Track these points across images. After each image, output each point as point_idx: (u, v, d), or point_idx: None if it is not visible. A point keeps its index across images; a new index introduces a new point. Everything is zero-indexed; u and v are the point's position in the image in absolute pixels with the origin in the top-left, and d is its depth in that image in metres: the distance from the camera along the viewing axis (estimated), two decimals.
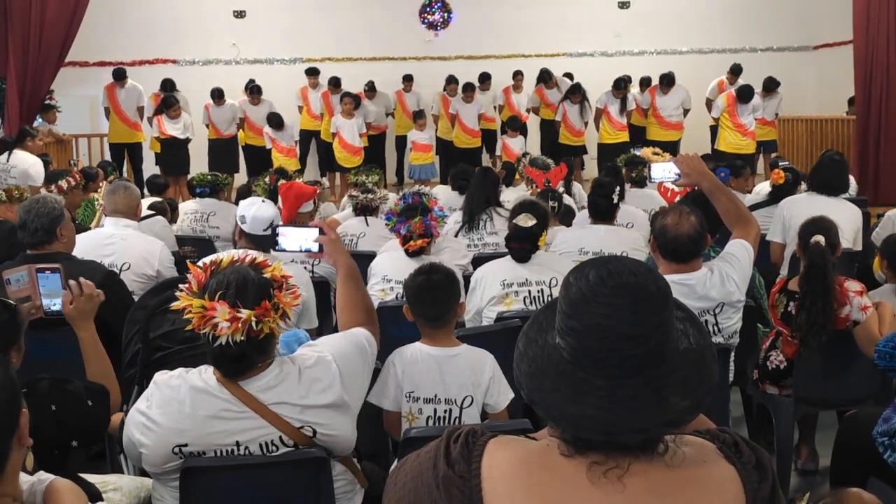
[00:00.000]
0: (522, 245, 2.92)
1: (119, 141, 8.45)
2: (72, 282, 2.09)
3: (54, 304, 2.14)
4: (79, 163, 7.77)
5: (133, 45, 9.20)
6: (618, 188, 3.78)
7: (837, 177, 4.10)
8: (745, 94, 7.93)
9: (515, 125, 8.50)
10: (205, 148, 8.60)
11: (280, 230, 2.11)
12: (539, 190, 4.86)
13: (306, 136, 9.11)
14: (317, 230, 2.06)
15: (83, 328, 2.10)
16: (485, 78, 9.33)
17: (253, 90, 8.71)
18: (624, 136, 8.45)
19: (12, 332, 1.81)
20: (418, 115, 8.77)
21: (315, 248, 2.06)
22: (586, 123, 8.79)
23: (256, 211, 2.87)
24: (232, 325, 1.60)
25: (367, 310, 2.00)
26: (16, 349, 1.82)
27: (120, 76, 8.42)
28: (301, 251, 2.11)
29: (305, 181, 5.09)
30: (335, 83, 9.01)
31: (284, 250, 2.13)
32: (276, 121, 8.37)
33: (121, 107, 8.38)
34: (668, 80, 8.56)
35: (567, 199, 4.90)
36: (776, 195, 4.51)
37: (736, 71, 8.64)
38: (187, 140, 8.19)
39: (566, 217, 4.50)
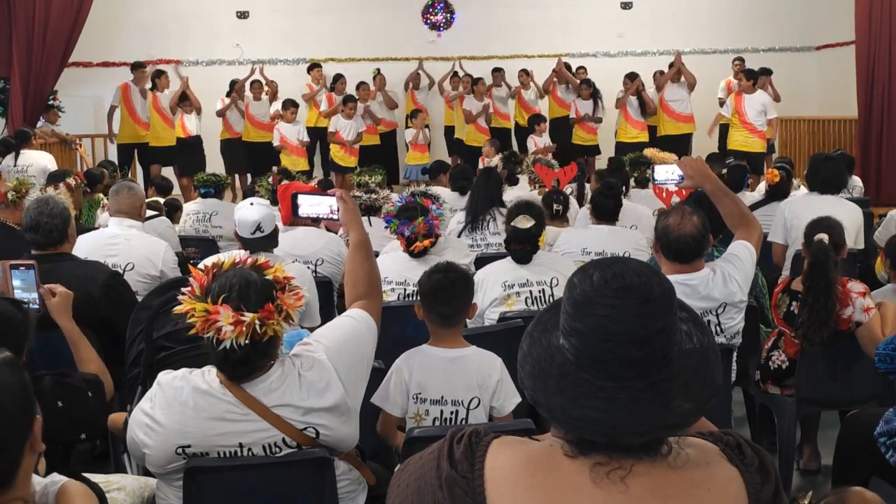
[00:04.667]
0: (523, 246, 2.92)
1: (128, 141, 8.38)
2: (41, 290, 2.20)
3: (28, 299, 2.17)
4: (84, 159, 7.77)
5: (136, 46, 9.20)
6: (622, 187, 3.78)
7: (835, 175, 4.10)
8: (751, 73, 7.81)
9: (542, 121, 8.34)
10: (213, 147, 8.51)
11: (299, 197, 2.12)
12: (547, 190, 4.84)
13: (312, 136, 9.07)
14: (334, 198, 2.06)
15: (65, 320, 2.22)
16: (496, 72, 9.24)
17: (254, 84, 8.62)
18: (644, 137, 8.25)
19: (27, 331, 1.84)
20: (413, 115, 8.72)
21: (333, 215, 2.07)
22: (599, 121, 8.71)
23: (242, 214, 2.90)
24: (236, 329, 1.59)
25: (370, 282, 1.96)
26: (26, 347, 1.85)
27: (138, 67, 8.33)
28: (318, 217, 2.12)
29: (319, 181, 5.09)
30: (339, 79, 8.99)
31: (302, 216, 2.15)
32: (292, 103, 8.17)
33: (134, 106, 8.29)
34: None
35: (573, 203, 4.89)
36: (773, 194, 4.53)
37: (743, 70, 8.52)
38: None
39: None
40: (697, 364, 0.95)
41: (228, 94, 8.68)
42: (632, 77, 8.39)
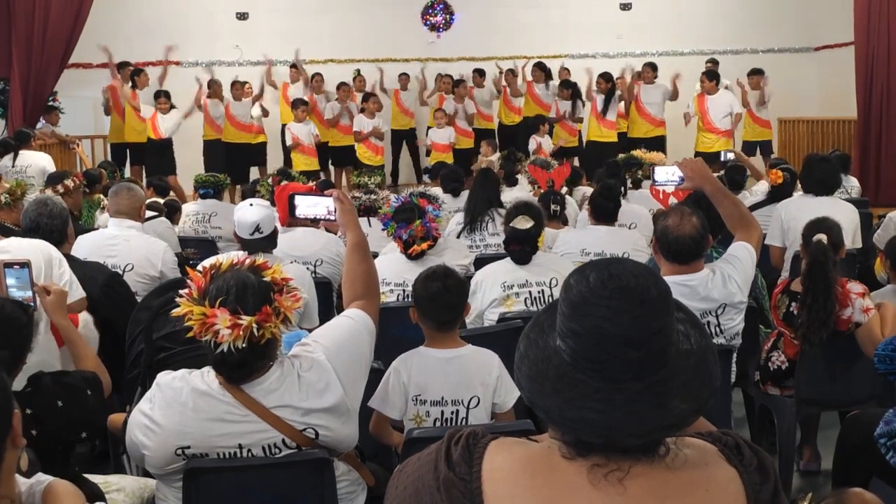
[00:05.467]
0: (522, 247, 2.92)
1: (119, 141, 8.37)
2: (36, 288, 2.21)
3: (23, 298, 2.17)
4: (83, 159, 7.74)
5: (136, 47, 9.20)
6: (621, 188, 3.78)
7: (830, 175, 4.10)
8: (712, 74, 7.82)
9: (544, 121, 8.29)
10: (196, 149, 8.43)
11: (296, 198, 2.12)
12: (542, 191, 4.83)
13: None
14: (331, 199, 2.07)
15: (60, 318, 2.22)
16: (479, 74, 9.25)
17: (234, 84, 8.52)
18: (612, 136, 8.23)
19: (30, 334, 1.85)
20: (439, 115, 8.61)
21: (330, 216, 2.07)
22: (579, 121, 8.67)
23: (241, 215, 2.91)
24: (233, 332, 1.60)
25: (368, 282, 1.97)
26: (29, 349, 1.85)
27: (125, 66, 8.32)
28: (315, 218, 2.13)
29: (319, 182, 5.07)
30: (314, 77, 8.91)
31: (300, 217, 2.15)
32: (302, 102, 8.11)
33: (123, 106, 8.25)
34: (652, 66, 8.43)
35: (569, 201, 4.89)
36: (775, 195, 4.51)
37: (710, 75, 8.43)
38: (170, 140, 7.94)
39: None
40: (695, 364, 0.95)
41: (208, 95, 8.59)
42: (606, 77, 8.32)
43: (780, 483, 0.99)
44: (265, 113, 8.66)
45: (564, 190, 5.07)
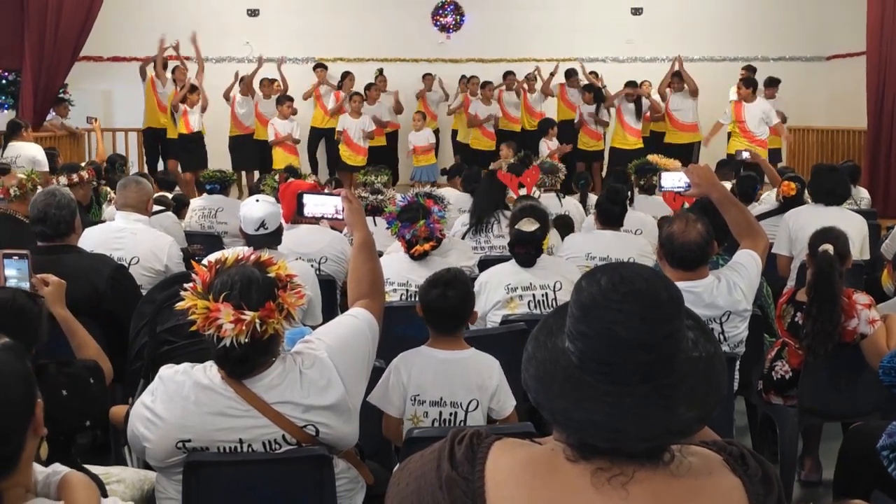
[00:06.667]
0: (527, 249, 2.92)
1: (152, 125, 8.33)
2: (34, 280, 2.21)
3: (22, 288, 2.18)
4: (98, 138, 7.78)
5: (147, 41, 9.24)
6: (628, 193, 3.77)
7: (839, 184, 4.08)
8: (749, 82, 7.80)
9: (553, 125, 8.33)
10: (219, 144, 8.50)
11: (305, 197, 2.13)
12: (516, 197, 4.64)
13: (315, 135, 9.00)
14: (339, 198, 2.08)
15: (59, 308, 2.23)
16: (508, 75, 9.28)
17: (263, 81, 8.58)
18: (637, 143, 8.23)
19: (41, 325, 1.86)
20: (417, 118, 8.71)
21: (338, 215, 2.08)
22: (605, 124, 8.67)
23: (246, 211, 2.93)
24: (236, 327, 1.60)
25: (373, 282, 1.97)
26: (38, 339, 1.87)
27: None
28: (323, 217, 2.14)
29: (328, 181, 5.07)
30: (346, 76, 9.00)
31: (307, 216, 2.16)
32: (288, 98, 8.15)
33: (157, 89, 8.31)
34: (679, 76, 8.44)
35: (567, 206, 4.87)
36: (786, 206, 4.48)
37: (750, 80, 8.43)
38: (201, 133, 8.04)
39: (564, 230, 4.33)
40: (703, 371, 0.94)
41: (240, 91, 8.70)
42: (632, 85, 8.33)
43: (783, 495, 0.98)
44: (294, 111, 8.70)
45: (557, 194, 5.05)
